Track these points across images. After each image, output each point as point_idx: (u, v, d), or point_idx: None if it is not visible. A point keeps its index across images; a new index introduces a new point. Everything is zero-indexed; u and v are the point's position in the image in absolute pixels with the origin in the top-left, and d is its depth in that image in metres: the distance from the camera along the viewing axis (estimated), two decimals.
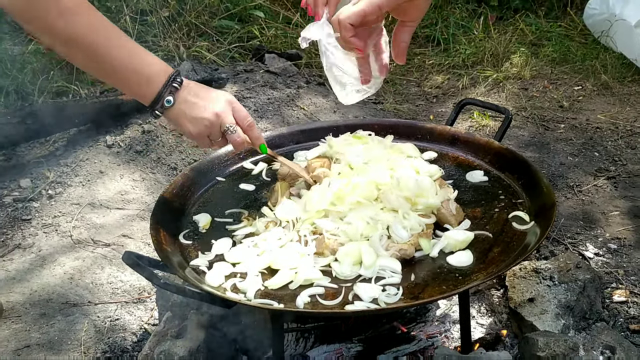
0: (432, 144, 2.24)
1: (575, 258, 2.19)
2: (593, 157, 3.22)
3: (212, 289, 1.57)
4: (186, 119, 1.64)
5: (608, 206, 2.83)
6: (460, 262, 1.63)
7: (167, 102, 1.60)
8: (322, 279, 1.60)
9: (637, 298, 2.28)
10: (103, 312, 2.53)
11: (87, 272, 2.73)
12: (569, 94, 3.87)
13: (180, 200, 1.99)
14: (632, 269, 2.43)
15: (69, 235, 2.94)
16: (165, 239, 1.77)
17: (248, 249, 1.72)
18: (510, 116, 2.15)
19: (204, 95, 1.66)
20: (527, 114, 3.66)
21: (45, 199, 3.17)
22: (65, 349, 2.35)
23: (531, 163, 1.96)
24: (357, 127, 2.33)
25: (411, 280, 1.57)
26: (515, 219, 1.79)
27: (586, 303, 2.06)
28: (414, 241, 1.64)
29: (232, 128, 1.69)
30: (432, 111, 3.79)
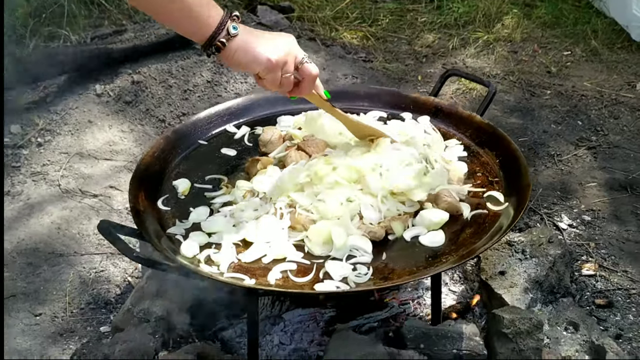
0: (415, 113, 2.18)
1: (549, 232, 2.17)
2: (576, 125, 3.16)
3: (186, 260, 1.54)
4: (261, 45, 1.44)
5: (586, 177, 2.80)
6: (432, 242, 1.61)
7: (233, 27, 1.42)
8: (295, 254, 1.57)
9: (604, 272, 2.28)
10: (88, 263, 2.52)
11: (75, 222, 2.71)
12: (558, 59, 3.78)
13: (160, 164, 1.94)
14: (604, 242, 2.42)
15: (57, 185, 2.90)
16: (144, 204, 1.73)
17: (224, 219, 1.68)
18: (494, 90, 2.09)
19: (268, 32, 1.53)
20: (515, 78, 3.58)
21: (35, 146, 3.11)
22: (50, 299, 2.34)
23: (511, 140, 1.91)
24: (342, 94, 2.27)
25: (382, 259, 1.55)
26: (490, 198, 1.76)
27: (555, 278, 2.05)
28: (386, 224, 1.60)
29: (307, 58, 1.55)
30: (420, 71, 3.69)
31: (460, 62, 3.81)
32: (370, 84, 3.49)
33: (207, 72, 3.46)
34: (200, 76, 3.44)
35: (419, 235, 1.62)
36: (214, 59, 3.39)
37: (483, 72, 3.67)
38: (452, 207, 1.68)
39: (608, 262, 2.33)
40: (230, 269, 1.55)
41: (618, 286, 2.21)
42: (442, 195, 1.70)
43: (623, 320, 2.07)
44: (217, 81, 3.43)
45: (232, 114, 2.19)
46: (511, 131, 3.12)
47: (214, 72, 3.46)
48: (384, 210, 1.62)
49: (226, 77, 3.45)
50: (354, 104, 2.24)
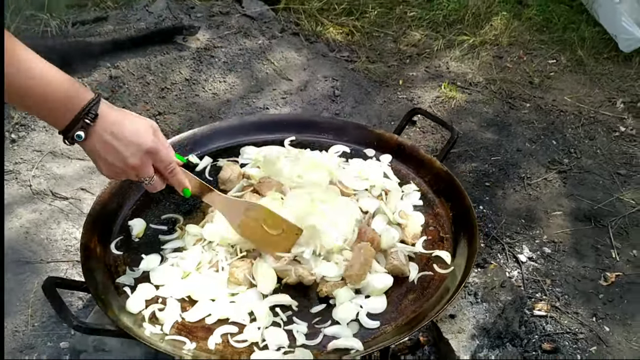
0: (378, 151, 2.16)
1: (502, 275, 2.20)
2: (550, 145, 3.15)
3: (131, 318, 1.56)
4: (100, 159, 1.46)
5: (553, 204, 2.81)
6: (373, 309, 1.62)
7: (77, 137, 1.40)
8: (238, 314, 1.59)
9: (556, 313, 2.31)
10: (54, 272, 2.54)
11: (43, 226, 2.72)
12: (542, 67, 3.73)
13: (118, 200, 1.94)
14: (560, 279, 2.45)
15: (28, 185, 2.90)
16: (95, 251, 1.74)
17: (172, 269, 1.69)
18: (456, 136, 2.07)
19: (123, 136, 1.43)
20: (496, 88, 3.54)
21: (9, 142, 3.09)
22: (14, 311, 2.37)
23: (466, 195, 1.90)
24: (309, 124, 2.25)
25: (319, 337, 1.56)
26: (437, 259, 1.77)
27: (502, 325, 2.09)
28: (328, 289, 1.62)
29: (149, 179, 1.53)
30: (403, 75, 3.65)
31: (444, 65, 3.76)
32: (349, 88, 3.45)
33: (186, 69, 3.42)
34: (179, 73, 3.39)
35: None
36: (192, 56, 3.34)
37: (465, 78, 3.63)
38: (398, 270, 1.69)
39: (561, 301, 2.36)
40: (173, 328, 1.57)
41: (567, 329, 2.25)
42: (390, 255, 1.71)
43: None
44: (195, 79, 3.39)
45: (195, 143, 2.17)
46: (485, 148, 3.11)
47: (193, 70, 3.42)
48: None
49: (205, 76, 3.40)
50: (319, 136, 2.22)
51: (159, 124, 3.20)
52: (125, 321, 1.54)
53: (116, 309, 1.58)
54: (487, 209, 2.77)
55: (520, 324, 2.20)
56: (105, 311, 1.54)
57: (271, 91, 3.39)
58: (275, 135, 2.22)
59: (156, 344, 1.48)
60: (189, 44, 3.53)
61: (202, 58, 3.47)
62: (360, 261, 1.60)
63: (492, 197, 2.84)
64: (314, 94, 3.40)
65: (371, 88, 3.51)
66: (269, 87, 3.41)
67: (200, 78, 3.39)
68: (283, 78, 3.48)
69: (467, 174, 2.95)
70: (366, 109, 3.35)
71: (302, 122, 2.26)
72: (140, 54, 3.44)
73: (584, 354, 2.17)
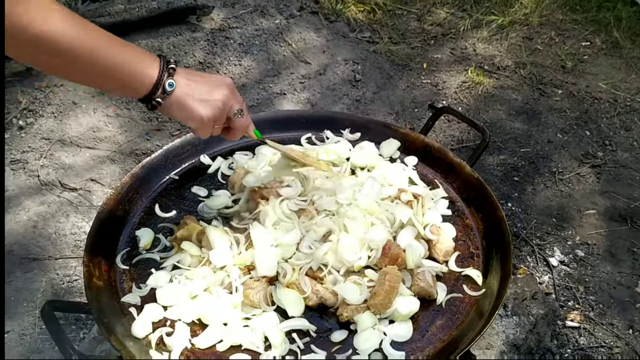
0: (403, 153, 2.00)
1: (534, 285, 2.05)
2: (583, 136, 2.96)
3: (136, 344, 1.44)
4: (195, 102, 1.41)
5: (586, 202, 2.63)
6: (397, 336, 1.48)
7: (169, 85, 1.36)
8: (251, 340, 1.46)
9: (589, 324, 2.16)
10: (62, 269, 2.44)
11: (52, 220, 2.61)
12: (575, 50, 3.51)
13: (125, 208, 1.80)
14: (594, 286, 2.30)
15: (36, 175, 2.78)
16: (100, 267, 1.61)
17: (180, 289, 1.56)
18: (488, 139, 1.89)
19: (206, 79, 1.45)
20: (526, 72, 3.34)
21: (16, 129, 2.97)
22: (20, 312, 2.28)
23: (499, 206, 1.73)
24: (328, 120, 2.08)
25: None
26: (467, 278, 1.62)
27: (534, 340, 1.95)
28: (349, 314, 1.48)
29: (240, 111, 1.52)
30: (427, 57, 3.45)
31: (470, 46, 3.55)
32: (371, 72, 3.27)
33: (199, 51, 3.25)
34: (193, 56, 3.23)
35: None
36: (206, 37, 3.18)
37: (493, 61, 3.42)
38: (425, 292, 1.55)
39: (595, 310, 2.21)
40: (182, 355, 1.44)
41: (602, 342, 2.11)
42: (416, 276, 1.56)
43: None
44: (209, 62, 3.22)
45: (208, 142, 2.01)
46: (514, 139, 2.93)
47: (207, 52, 3.25)
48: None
49: (219, 59, 3.23)
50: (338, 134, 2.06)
51: None
52: (130, 348, 1.42)
53: (120, 334, 1.46)
54: (516, 206, 2.60)
55: (552, 337, 2.06)
56: (109, 338, 1.42)
57: (289, 75, 3.21)
58: (292, 133, 2.06)
59: None
60: (203, 24, 3.36)
61: (217, 39, 3.29)
62: (385, 288, 1.46)
63: (521, 193, 2.67)
64: (333, 79, 3.22)
65: (393, 72, 3.32)
66: (287, 71, 3.23)
67: (215, 61, 3.22)
68: (301, 61, 3.30)
69: (495, 168, 2.78)
70: (388, 94, 3.16)
71: (321, 119, 2.09)
72: (152, 35, 3.27)
73: None
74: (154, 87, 1.36)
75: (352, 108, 3.07)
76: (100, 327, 1.44)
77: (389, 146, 1.98)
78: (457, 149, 2.86)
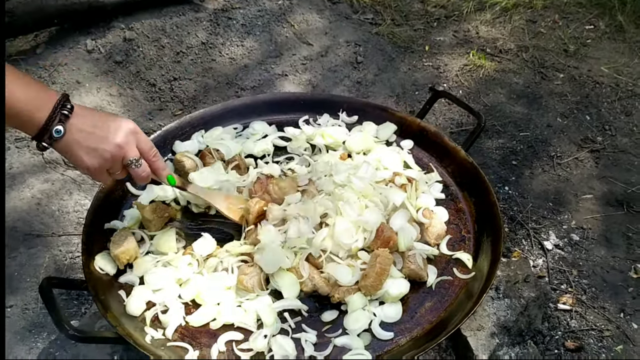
0: (399, 136, 2.01)
1: (527, 268, 2.06)
2: (583, 121, 2.94)
3: (132, 322, 1.48)
4: (82, 151, 1.36)
5: (583, 187, 2.63)
6: (387, 317, 1.51)
7: (56, 132, 1.31)
8: (243, 319, 1.49)
9: (581, 307, 2.18)
10: (65, 246, 2.47)
11: (55, 197, 2.64)
12: (578, 33, 3.47)
13: (123, 187, 1.83)
14: (587, 270, 2.30)
15: (40, 154, 2.80)
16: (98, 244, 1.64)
17: (166, 274, 1.57)
18: (483, 124, 1.90)
19: (102, 125, 1.38)
20: (528, 56, 3.31)
21: None
22: (23, 287, 2.31)
23: (492, 191, 1.75)
24: (327, 103, 2.09)
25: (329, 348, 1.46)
26: (457, 262, 1.64)
27: (525, 323, 1.96)
28: (340, 296, 1.50)
29: (135, 162, 1.44)
30: (429, 39, 3.43)
31: (473, 29, 3.52)
32: (373, 54, 3.25)
33: (202, 32, 3.24)
34: (195, 37, 3.22)
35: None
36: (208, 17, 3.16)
37: (496, 44, 3.39)
38: (415, 274, 1.57)
39: (588, 294, 2.23)
40: (176, 333, 1.48)
41: (592, 325, 2.12)
42: (407, 259, 1.58)
43: None
44: (212, 43, 3.21)
45: (206, 124, 2.04)
46: (513, 123, 2.92)
47: (210, 33, 3.24)
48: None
49: (222, 39, 3.23)
50: (336, 117, 2.07)
51: (174, 90, 3.08)
52: (125, 326, 1.45)
53: (116, 311, 1.49)
54: (513, 190, 2.60)
55: (543, 319, 2.08)
56: (105, 314, 1.45)
57: (290, 57, 3.21)
58: (289, 115, 2.08)
59: (157, 352, 1.39)
60: (206, 5, 3.34)
61: (220, 20, 3.28)
62: (376, 271, 1.47)
63: (519, 177, 2.67)
64: (335, 60, 3.21)
65: (395, 54, 3.30)
66: (289, 52, 3.22)
67: (217, 42, 3.21)
68: (303, 42, 3.28)
69: (493, 151, 2.78)
70: (389, 77, 3.15)
71: (319, 102, 2.10)
72: (155, 14, 3.26)
73: (609, 353, 2.05)
74: (40, 131, 1.31)
75: (353, 90, 3.06)
76: (97, 304, 1.47)
77: (386, 130, 1.99)
78: (456, 132, 2.86)
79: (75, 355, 2.02)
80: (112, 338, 1.44)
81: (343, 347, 1.45)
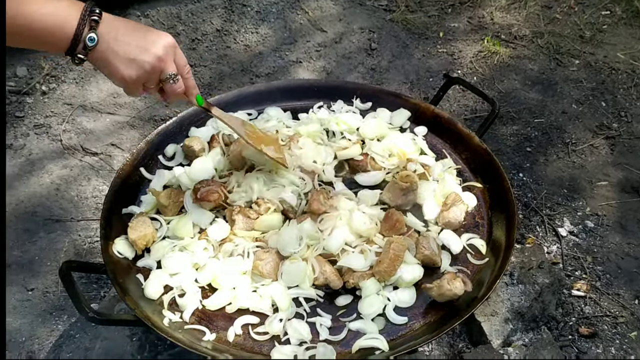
0: (413, 123, 1.99)
1: (541, 255, 2.05)
2: (599, 107, 2.90)
3: (150, 306, 1.49)
4: (119, 61, 1.27)
5: (598, 173, 2.60)
6: (401, 302, 1.51)
7: (89, 40, 1.21)
8: (259, 304, 1.50)
9: (595, 294, 2.16)
10: (84, 231, 2.49)
11: (74, 183, 2.66)
12: (595, 19, 3.42)
13: (140, 173, 1.83)
14: (602, 257, 2.29)
15: (58, 140, 2.82)
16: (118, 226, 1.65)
17: (183, 258, 1.58)
18: (497, 110, 1.88)
19: (141, 35, 1.29)
20: (543, 42, 3.26)
21: (39, 94, 3.01)
22: (44, 271, 2.34)
23: (506, 177, 1.73)
24: (340, 90, 2.08)
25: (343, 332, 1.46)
26: (471, 247, 1.63)
27: (538, 309, 1.95)
28: (355, 281, 1.50)
29: (174, 77, 1.37)
30: (444, 26, 3.39)
31: (488, 15, 3.48)
32: (387, 40, 3.23)
33: (217, 19, 3.23)
34: (210, 24, 3.22)
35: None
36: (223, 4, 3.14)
37: (510, 31, 3.35)
38: (429, 259, 1.56)
39: (602, 280, 2.21)
40: (193, 316, 1.49)
41: (607, 312, 2.11)
42: (421, 244, 1.57)
43: (604, 354, 1.99)
44: (227, 30, 3.21)
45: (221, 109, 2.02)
46: (528, 109, 2.89)
47: (225, 20, 3.23)
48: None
49: (236, 26, 3.22)
50: (350, 104, 2.06)
51: None
52: (144, 309, 1.47)
53: (134, 295, 1.50)
54: (527, 176, 2.58)
55: (557, 305, 2.07)
56: (123, 298, 1.46)
57: (305, 43, 3.19)
58: (303, 102, 2.07)
59: (174, 335, 1.40)
60: None
61: (234, 7, 3.27)
62: (389, 256, 1.47)
63: (533, 163, 2.64)
64: (349, 47, 3.19)
65: (409, 41, 3.27)
66: (303, 39, 3.21)
67: (232, 29, 3.20)
68: (317, 29, 3.26)
69: (508, 138, 2.76)
70: (403, 64, 3.13)
71: (332, 88, 2.09)
72: (170, 2, 3.26)
73: (623, 340, 2.03)
74: (72, 42, 1.22)
75: (367, 77, 3.05)
76: (115, 287, 1.49)
77: (399, 116, 1.98)
78: (470, 119, 2.84)
79: (95, 337, 2.04)
80: (130, 321, 1.45)
81: (357, 331, 1.45)
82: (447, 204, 1.66)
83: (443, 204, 1.67)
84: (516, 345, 1.90)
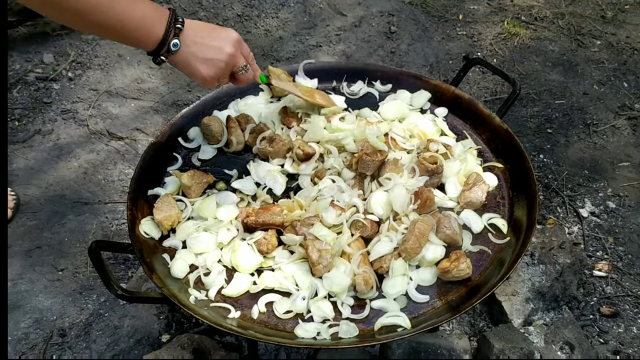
0: (434, 104, 1.96)
1: (562, 235, 2.02)
2: (620, 88, 2.84)
3: (176, 284, 1.49)
4: (198, 62, 1.43)
5: (620, 154, 2.55)
6: (422, 281, 1.49)
7: (173, 45, 1.37)
8: (283, 283, 1.49)
9: (617, 274, 2.13)
10: (111, 213, 2.52)
11: (101, 167, 2.68)
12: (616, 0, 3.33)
13: (164, 155, 1.83)
14: (623, 237, 2.25)
15: (85, 125, 2.85)
16: (142, 211, 1.65)
17: (208, 238, 1.58)
18: (518, 90, 1.84)
19: (213, 36, 1.45)
20: (564, 23, 3.20)
21: (66, 80, 3.03)
22: (73, 252, 2.37)
23: (527, 157, 1.70)
24: (361, 71, 2.05)
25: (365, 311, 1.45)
26: (492, 226, 1.60)
27: (559, 289, 1.93)
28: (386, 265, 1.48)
29: (245, 68, 1.55)
30: (463, 8, 3.34)
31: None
32: (406, 24, 3.18)
33: (238, 4, 3.22)
34: (231, 9, 3.20)
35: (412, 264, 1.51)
36: None
37: (531, 12, 3.29)
38: (451, 239, 1.54)
39: (624, 261, 2.17)
40: (218, 294, 1.49)
41: (628, 292, 2.07)
42: (443, 223, 1.55)
43: (626, 333, 1.96)
44: (247, 15, 3.19)
45: (242, 94, 2.02)
46: (549, 91, 2.84)
47: (245, 5, 3.22)
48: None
49: (257, 11, 3.20)
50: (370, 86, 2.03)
51: None
52: (170, 287, 1.47)
53: (161, 273, 1.51)
54: (548, 158, 2.54)
55: (578, 285, 2.04)
56: (150, 276, 1.47)
57: (324, 27, 3.16)
58: (324, 84, 2.04)
59: (201, 312, 1.41)
60: None
61: None
62: (415, 234, 1.46)
63: (554, 145, 2.60)
64: (368, 31, 3.15)
65: (429, 24, 3.23)
66: (323, 23, 3.18)
67: (253, 14, 3.19)
68: (337, 13, 3.23)
69: (529, 119, 2.71)
70: (423, 47, 3.09)
71: (353, 70, 2.06)
72: None
73: None
74: (159, 45, 1.37)
75: (387, 60, 3.01)
76: (142, 266, 1.49)
77: (420, 97, 1.95)
78: (490, 101, 2.79)
79: (123, 315, 2.07)
80: (158, 298, 1.46)
81: (380, 310, 1.44)
82: (469, 184, 1.64)
83: (465, 184, 1.65)
84: (537, 324, 1.88)
